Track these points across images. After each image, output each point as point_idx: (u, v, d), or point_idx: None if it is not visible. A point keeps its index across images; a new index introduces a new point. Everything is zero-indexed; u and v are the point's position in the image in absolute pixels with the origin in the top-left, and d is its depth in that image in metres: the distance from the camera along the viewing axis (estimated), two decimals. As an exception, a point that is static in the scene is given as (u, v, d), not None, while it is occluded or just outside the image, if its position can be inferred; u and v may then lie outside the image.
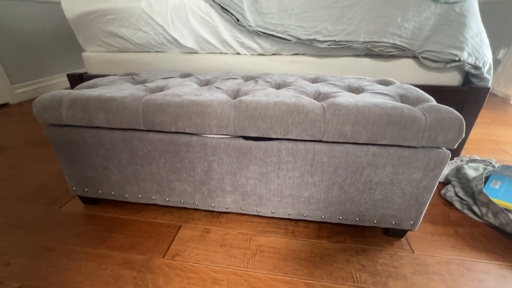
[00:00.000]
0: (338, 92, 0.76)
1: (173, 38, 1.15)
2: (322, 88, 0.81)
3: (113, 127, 0.74)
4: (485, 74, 1.01)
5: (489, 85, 1.04)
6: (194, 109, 0.67)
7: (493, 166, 0.90)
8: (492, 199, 0.81)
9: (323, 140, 0.65)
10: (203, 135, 0.71)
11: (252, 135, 0.67)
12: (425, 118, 0.60)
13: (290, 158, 0.69)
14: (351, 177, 0.69)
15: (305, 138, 0.66)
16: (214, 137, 0.71)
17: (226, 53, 1.20)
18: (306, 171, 0.70)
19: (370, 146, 0.65)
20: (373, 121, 0.61)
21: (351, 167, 0.67)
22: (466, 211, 0.89)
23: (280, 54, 1.16)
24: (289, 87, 0.81)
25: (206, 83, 0.93)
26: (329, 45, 1.02)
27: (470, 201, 0.89)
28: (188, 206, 0.85)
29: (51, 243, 0.78)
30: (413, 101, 0.71)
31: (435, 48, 0.98)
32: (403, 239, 0.80)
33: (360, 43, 1.00)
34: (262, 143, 0.69)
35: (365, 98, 0.68)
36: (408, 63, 1.08)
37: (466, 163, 1.03)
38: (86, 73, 1.34)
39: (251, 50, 1.15)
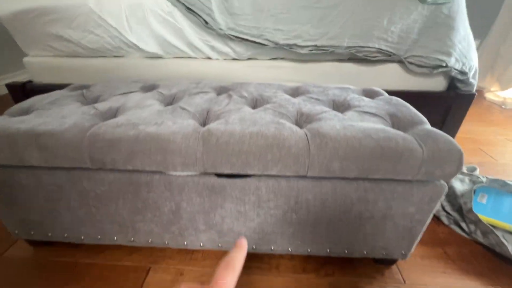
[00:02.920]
0: (322, 112, 0.67)
1: (131, 42, 0.99)
2: (305, 106, 0.71)
3: (53, 166, 0.60)
4: (470, 79, 0.97)
5: (474, 90, 1.00)
6: (153, 146, 0.55)
7: (481, 181, 0.87)
8: (481, 217, 0.78)
9: (308, 175, 0.56)
10: (167, 173, 0.60)
11: (225, 172, 0.57)
12: (421, 150, 0.53)
13: (271, 196, 0.60)
14: (339, 214, 0.61)
15: (287, 174, 0.56)
16: (180, 175, 0.59)
17: (196, 58, 1.06)
18: (290, 208, 0.62)
19: (361, 181, 0.57)
20: (364, 156, 0.53)
21: (339, 203, 0.60)
22: (453, 226, 0.86)
23: (257, 59, 1.04)
24: (267, 106, 0.71)
25: (171, 101, 0.80)
26: (310, 50, 0.92)
27: (457, 217, 0.86)
28: (157, 246, 0.74)
29: (-12, 306, 0.65)
30: (405, 124, 0.63)
31: (422, 52, 0.92)
32: (394, 267, 0.75)
33: (343, 48, 0.91)
34: (238, 180, 0.59)
35: (353, 123, 0.60)
36: (393, 68, 1.01)
37: (451, 172, 1.00)
38: (30, 81, 1.14)
39: (224, 54, 1.02)
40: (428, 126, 0.62)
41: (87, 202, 0.65)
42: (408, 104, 0.72)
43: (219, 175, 0.59)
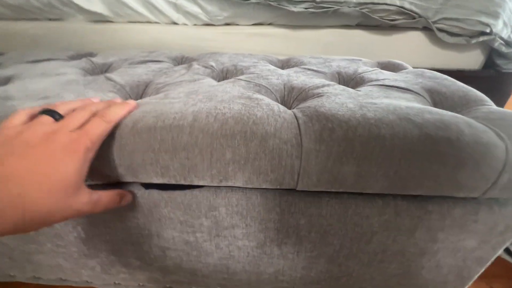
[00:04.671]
0: (323, 86, 0.42)
1: (67, -4, 0.74)
2: (296, 77, 0.47)
3: None
4: (517, 54, 0.73)
5: (520, 68, 0.77)
6: (19, 133, 0.31)
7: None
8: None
9: (299, 188, 0.32)
10: (59, 180, 0.35)
11: (154, 181, 0.33)
12: (503, 145, 0.29)
13: (237, 219, 0.36)
14: (350, 247, 0.38)
15: (264, 186, 0.32)
16: (82, 184, 0.35)
17: (157, 23, 0.81)
18: (268, 239, 0.38)
19: (391, 199, 0.33)
20: (401, 153, 0.29)
21: (351, 232, 0.36)
22: (500, 252, 0.64)
23: (237, 24, 0.79)
24: (240, 77, 0.46)
25: (100, 71, 0.55)
26: (306, 8, 0.67)
27: (504, 237, 0.63)
28: (73, 284, 0.50)
29: None
30: (456, 103, 0.40)
31: (458, 14, 0.68)
32: (423, 315, 0.52)
33: (352, 5, 0.67)
34: (178, 194, 0.35)
35: (375, 100, 0.36)
36: (415, 37, 0.77)
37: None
38: None
39: (193, 17, 0.77)
40: (495, 106, 0.39)
41: None
42: (450, 78, 0.49)
43: (148, 185, 0.35)
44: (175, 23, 0.80)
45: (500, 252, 0.37)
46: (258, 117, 0.30)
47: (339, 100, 0.36)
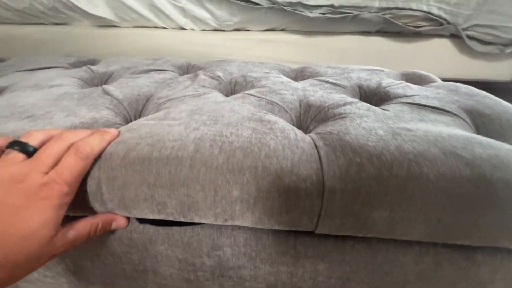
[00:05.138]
0: (345, 103, 0.37)
1: (71, 1, 0.71)
2: (314, 93, 0.42)
3: None
4: (557, 64, 0.66)
5: (558, 80, 0.69)
6: None
7: None
8: None
9: (318, 232, 0.27)
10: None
11: (149, 217, 0.28)
12: None
13: (244, 260, 0.31)
14: (375, 296, 0.32)
15: (276, 228, 0.28)
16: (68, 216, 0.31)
17: (165, 28, 0.77)
18: (280, 282, 0.33)
19: (431, 245, 0.28)
20: (447, 198, 0.23)
21: (379, 281, 0.31)
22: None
23: (247, 30, 0.75)
24: (250, 91, 0.42)
25: (100, 81, 0.51)
26: (323, 13, 0.62)
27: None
28: (66, 315, 0.46)
29: None
30: (504, 129, 0.34)
31: (493, 21, 0.61)
32: None
33: (374, 10, 0.61)
34: (177, 230, 0.30)
35: (409, 125, 0.31)
36: (441, 46, 0.71)
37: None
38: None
39: (201, 22, 0.73)
40: (553, 133, 0.33)
41: None
42: (490, 95, 0.43)
43: (143, 220, 0.30)
44: (182, 28, 0.77)
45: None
46: (272, 148, 0.26)
47: (366, 124, 0.31)
